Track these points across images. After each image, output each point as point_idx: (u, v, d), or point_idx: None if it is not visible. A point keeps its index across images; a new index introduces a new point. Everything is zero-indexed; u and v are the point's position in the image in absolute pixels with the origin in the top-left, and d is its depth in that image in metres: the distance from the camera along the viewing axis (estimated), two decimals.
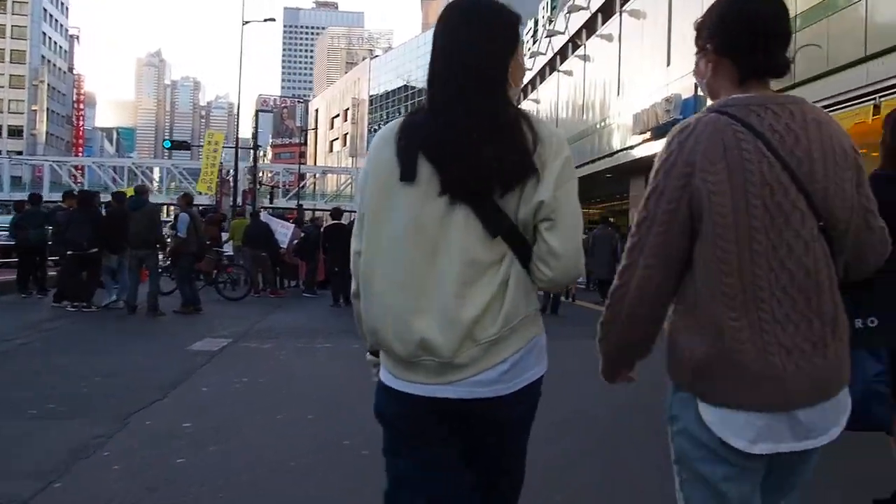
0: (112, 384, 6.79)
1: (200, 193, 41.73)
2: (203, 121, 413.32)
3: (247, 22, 39.87)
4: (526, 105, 43.41)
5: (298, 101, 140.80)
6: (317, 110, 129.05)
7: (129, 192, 15.89)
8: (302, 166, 67.06)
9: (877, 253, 1.95)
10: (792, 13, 12.60)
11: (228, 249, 19.25)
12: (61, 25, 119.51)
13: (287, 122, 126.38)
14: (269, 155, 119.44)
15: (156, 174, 75.43)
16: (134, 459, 4.53)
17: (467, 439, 1.97)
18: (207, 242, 16.55)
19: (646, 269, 1.79)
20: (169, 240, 14.03)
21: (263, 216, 20.55)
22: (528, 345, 1.91)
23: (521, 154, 1.84)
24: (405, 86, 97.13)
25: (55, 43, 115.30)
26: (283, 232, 18.63)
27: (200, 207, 21.92)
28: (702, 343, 1.76)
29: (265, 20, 43.23)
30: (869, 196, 1.89)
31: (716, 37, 1.89)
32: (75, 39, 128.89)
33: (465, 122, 1.86)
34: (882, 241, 1.94)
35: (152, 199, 24.82)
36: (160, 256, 13.71)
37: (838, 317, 1.80)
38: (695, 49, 1.98)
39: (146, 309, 12.49)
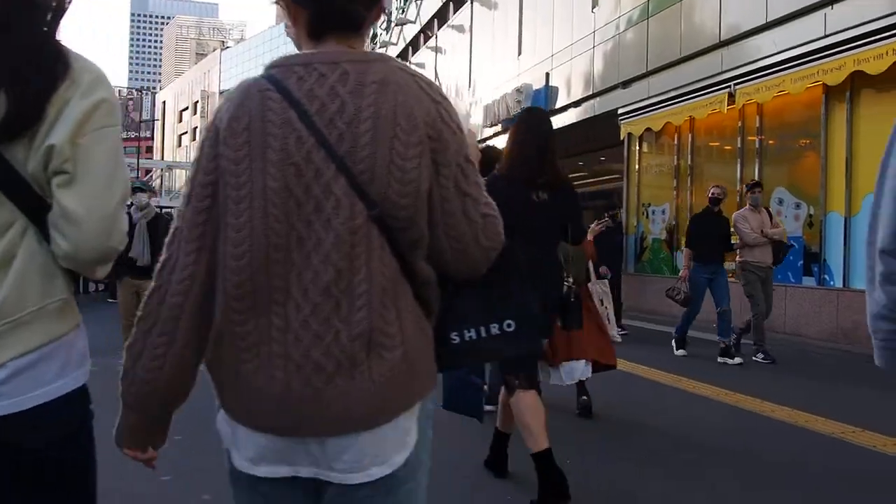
0: None
1: None
2: None
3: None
4: None
5: (145, 93, 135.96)
6: (164, 102, 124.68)
7: None
8: (148, 161, 64.67)
9: (481, 248, 1.54)
10: None
11: None
12: None
13: (133, 114, 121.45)
14: None
15: None
16: None
17: None
18: None
19: (186, 260, 1.47)
20: None
21: None
22: (46, 347, 1.45)
23: (30, 91, 1.40)
24: None
25: None
26: None
27: None
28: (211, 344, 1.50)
29: None
30: (467, 176, 1.50)
31: None
32: None
33: None
34: (489, 236, 1.55)
35: None
36: None
37: (382, 331, 1.41)
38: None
39: None
